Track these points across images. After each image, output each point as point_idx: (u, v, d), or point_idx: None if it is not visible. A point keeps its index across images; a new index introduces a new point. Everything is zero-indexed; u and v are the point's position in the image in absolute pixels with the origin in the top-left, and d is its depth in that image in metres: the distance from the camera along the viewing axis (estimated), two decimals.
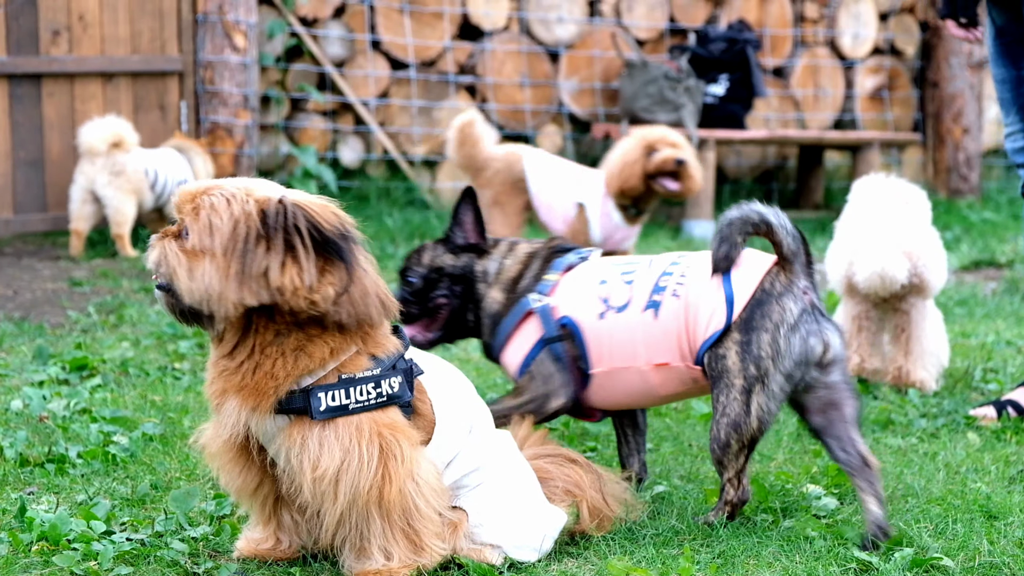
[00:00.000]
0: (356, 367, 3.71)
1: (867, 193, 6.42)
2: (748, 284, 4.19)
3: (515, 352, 4.52)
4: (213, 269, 3.61)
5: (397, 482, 3.69)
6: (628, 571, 3.81)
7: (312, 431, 3.66)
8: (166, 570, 3.87)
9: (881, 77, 12.85)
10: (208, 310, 3.64)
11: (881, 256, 6.04)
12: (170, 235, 3.68)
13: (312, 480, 3.66)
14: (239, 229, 3.63)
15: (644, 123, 11.04)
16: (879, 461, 4.52)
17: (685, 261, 4.36)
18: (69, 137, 9.54)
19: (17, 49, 9.37)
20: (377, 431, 3.68)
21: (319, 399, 3.65)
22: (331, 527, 3.74)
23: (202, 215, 3.65)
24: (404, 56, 10.94)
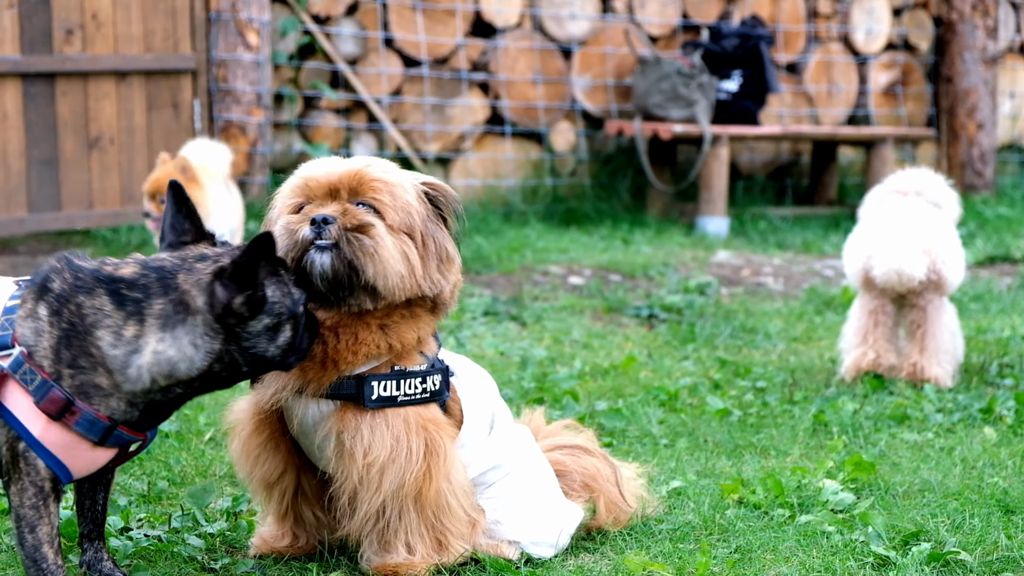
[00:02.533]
0: (409, 361, 3.72)
1: (896, 185, 6.41)
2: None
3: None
4: (414, 250, 3.63)
5: (437, 478, 3.70)
6: (645, 566, 3.81)
7: (364, 418, 3.66)
8: (183, 566, 3.88)
9: (895, 73, 12.82)
10: (393, 293, 3.63)
11: (899, 253, 6.02)
12: (352, 210, 3.61)
13: (362, 466, 3.65)
14: (423, 209, 3.69)
15: (657, 119, 11.05)
16: (896, 456, 4.51)
17: None
18: (83, 136, 9.55)
19: (31, 48, 9.38)
20: (423, 425, 3.69)
21: (372, 387, 3.66)
22: (367, 518, 3.73)
23: (397, 193, 3.64)
24: (417, 53, 10.93)
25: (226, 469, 4.77)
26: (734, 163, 11.97)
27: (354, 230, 3.57)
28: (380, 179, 3.64)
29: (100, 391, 3.33)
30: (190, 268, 3.39)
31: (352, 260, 3.56)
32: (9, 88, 9.32)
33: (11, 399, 3.32)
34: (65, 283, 3.38)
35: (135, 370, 3.33)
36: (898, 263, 6.01)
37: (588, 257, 9.40)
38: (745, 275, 9.25)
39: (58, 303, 3.35)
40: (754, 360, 6.77)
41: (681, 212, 11.23)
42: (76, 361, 3.32)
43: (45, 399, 3.30)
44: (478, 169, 11.21)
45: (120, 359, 3.33)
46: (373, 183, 3.62)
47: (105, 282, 3.38)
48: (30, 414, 3.31)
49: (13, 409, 3.32)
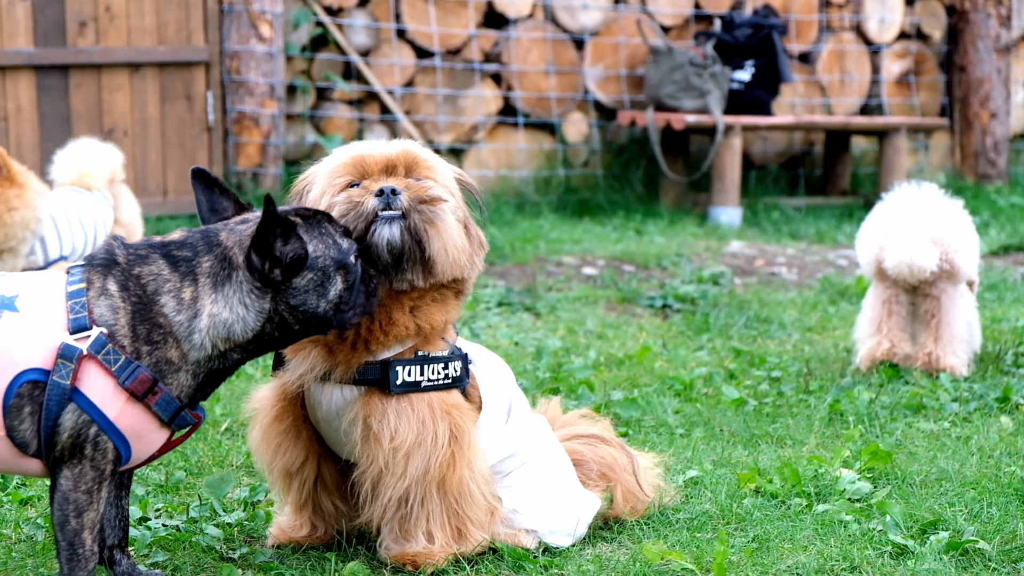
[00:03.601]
0: (432, 346, 3.74)
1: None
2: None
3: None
4: (462, 230, 3.70)
5: (461, 464, 3.71)
6: (663, 555, 3.81)
7: (389, 403, 3.67)
8: (202, 555, 3.89)
9: (908, 62, 12.79)
10: (443, 271, 3.67)
11: (909, 244, 6.01)
12: (413, 184, 3.67)
13: (388, 451, 3.66)
14: (461, 196, 3.77)
15: (670, 110, 11.03)
16: (913, 445, 4.50)
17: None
18: (97, 128, 9.56)
19: (44, 41, 9.40)
20: (447, 410, 3.70)
21: (397, 372, 3.67)
22: (390, 505, 3.74)
23: (444, 175, 3.73)
24: (429, 44, 10.93)
25: (243, 459, 4.78)
26: (747, 153, 11.96)
27: (424, 202, 3.62)
28: (430, 161, 3.72)
29: (171, 366, 3.31)
30: (232, 229, 3.42)
31: (419, 231, 3.59)
32: (23, 80, 9.34)
33: (89, 382, 3.25)
34: (125, 256, 3.36)
35: (198, 336, 3.32)
36: (908, 255, 6.00)
37: (601, 248, 9.40)
38: (759, 265, 9.25)
39: (124, 276, 3.33)
40: (769, 350, 6.77)
41: (694, 202, 11.22)
42: (151, 335, 3.30)
43: (133, 380, 3.25)
44: (491, 160, 11.21)
45: (185, 325, 3.32)
46: (427, 162, 3.70)
47: (157, 247, 3.38)
48: (109, 396, 3.25)
49: (90, 393, 3.24)
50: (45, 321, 3.26)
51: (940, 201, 6.24)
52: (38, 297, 3.31)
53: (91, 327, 3.26)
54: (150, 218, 9.51)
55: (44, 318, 3.27)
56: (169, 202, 9.84)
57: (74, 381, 3.24)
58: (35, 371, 3.24)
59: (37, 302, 3.30)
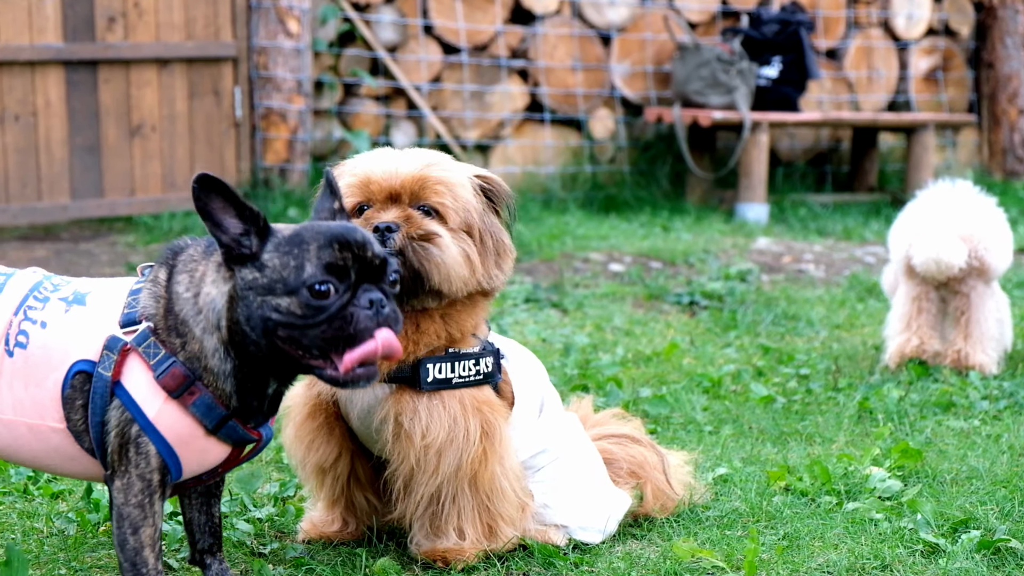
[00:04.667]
0: (463, 343, 3.73)
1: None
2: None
3: None
4: (474, 249, 3.64)
5: (492, 460, 3.71)
6: (694, 552, 3.81)
7: (420, 400, 3.67)
8: (232, 550, 3.90)
9: (935, 58, 12.75)
10: (457, 292, 3.65)
11: (937, 241, 5.99)
12: (415, 216, 3.60)
13: (420, 448, 3.66)
14: (480, 204, 3.69)
15: (697, 106, 11.02)
16: (943, 443, 4.48)
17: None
18: (125, 123, 9.58)
19: (73, 36, 9.42)
20: (478, 407, 3.70)
21: (427, 370, 3.67)
22: (422, 502, 3.74)
23: (459, 193, 3.63)
24: (456, 40, 10.93)
25: (272, 455, 4.79)
26: (774, 150, 11.93)
27: (420, 239, 3.57)
28: (442, 180, 3.62)
29: (199, 363, 3.18)
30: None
31: (418, 268, 3.56)
32: (52, 76, 9.37)
33: (131, 376, 3.18)
34: (194, 249, 3.29)
35: (201, 318, 3.20)
36: (936, 252, 5.98)
37: (628, 244, 9.39)
38: (786, 262, 9.23)
39: (180, 266, 3.27)
40: (797, 347, 6.76)
41: (720, 199, 11.20)
42: (177, 327, 3.22)
43: (166, 374, 3.17)
44: (517, 156, 11.20)
45: (191, 305, 3.21)
46: (436, 186, 3.61)
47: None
48: (148, 392, 3.17)
49: (131, 387, 3.17)
50: (102, 315, 3.25)
51: (972, 198, 6.21)
52: (106, 293, 3.31)
53: (140, 322, 3.21)
54: (177, 214, 9.55)
55: (103, 312, 3.26)
56: None
57: (116, 374, 3.19)
58: (84, 362, 3.22)
59: (104, 297, 3.30)
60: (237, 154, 10.00)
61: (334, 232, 3.11)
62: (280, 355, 3.14)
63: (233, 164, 10.00)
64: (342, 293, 3.08)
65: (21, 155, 9.33)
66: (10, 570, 3.50)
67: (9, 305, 3.32)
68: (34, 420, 3.24)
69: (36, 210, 9.35)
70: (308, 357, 3.11)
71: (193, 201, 3.12)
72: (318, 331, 3.07)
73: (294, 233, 3.14)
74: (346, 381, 3.10)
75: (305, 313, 3.07)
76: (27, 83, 9.32)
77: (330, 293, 3.06)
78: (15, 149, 9.32)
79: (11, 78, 9.26)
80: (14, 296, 3.34)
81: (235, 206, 3.13)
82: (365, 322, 3.07)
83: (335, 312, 3.07)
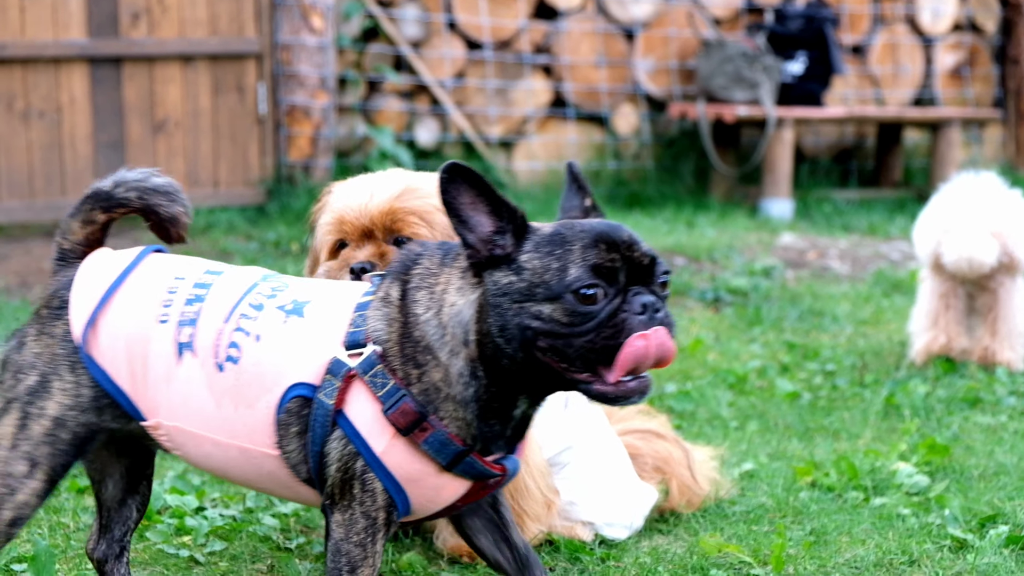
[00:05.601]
0: None
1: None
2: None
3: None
4: None
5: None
6: (720, 547, 3.80)
7: None
8: (258, 545, 3.90)
9: (961, 54, 12.69)
10: None
11: (969, 239, 5.95)
12: (389, 253, 3.52)
13: None
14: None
15: (721, 102, 10.99)
16: (970, 439, 4.45)
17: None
18: (148, 120, 9.60)
19: (98, 32, 9.45)
20: None
21: None
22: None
23: (436, 220, 3.54)
24: (480, 36, 10.92)
25: None
26: (798, 145, 11.90)
27: None
28: (414, 211, 3.55)
29: (439, 394, 2.85)
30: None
31: None
32: (77, 72, 9.39)
33: (356, 407, 2.86)
34: (430, 260, 2.96)
35: (447, 338, 2.86)
36: (968, 250, 5.94)
37: (652, 240, 9.37)
38: (810, 258, 9.20)
39: (415, 281, 2.93)
40: (822, 343, 6.73)
41: (745, 195, 11.17)
42: (415, 356, 2.87)
43: (395, 409, 2.83)
44: (541, 152, 11.19)
45: (433, 326, 2.87)
46: (408, 217, 3.54)
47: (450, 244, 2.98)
48: (375, 426, 2.85)
49: (355, 420, 2.85)
50: (324, 332, 2.93)
51: (999, 192, 6.17)
52: (328, 305, 2.98)
53: (366, 344, 2.88)
54: (201, 210, 9.55)
55: (324, 328, 2.93)
56: (220, 193, 9.87)
57: (339, 403, 2.87)
58: (303, 386, 2.90)
59: (325, 310, 2.96)
60: (261, 150, 10.01)
61: (599, 231, 2.82)
62: (538, 369, 2.82)
63: (257, 160, 10.00)
64: (611, 297, 2.78)
65: (46, 151, 9.36)
66: (37, 565, 3.51)
67: (218, 311, 2.99)
68: (245, 443, 2.96)
69: (61, 206, 9.37)
70: (571, 370, 2.80)
71: (440, 195, 2.82)
72: (585, 340, 2.76)
73: (554, 232, 2.83)
74: (616, 396, 2.79)
75: (571, 320, 2.76)
76: (52, 80, 9.35)
77: (598, 298, 2.76)
78: (40, 145, 9.35)
79: (36, 75, 9.28)
80: (224, 300, 3.01)
81: (488, 200, 2.83)
82: (639, 329, 2.76)
83: (604, 319, 2.76)
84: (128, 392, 3.02)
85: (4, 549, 3.72)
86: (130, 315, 3.03)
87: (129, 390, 3.02)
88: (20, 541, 3.86)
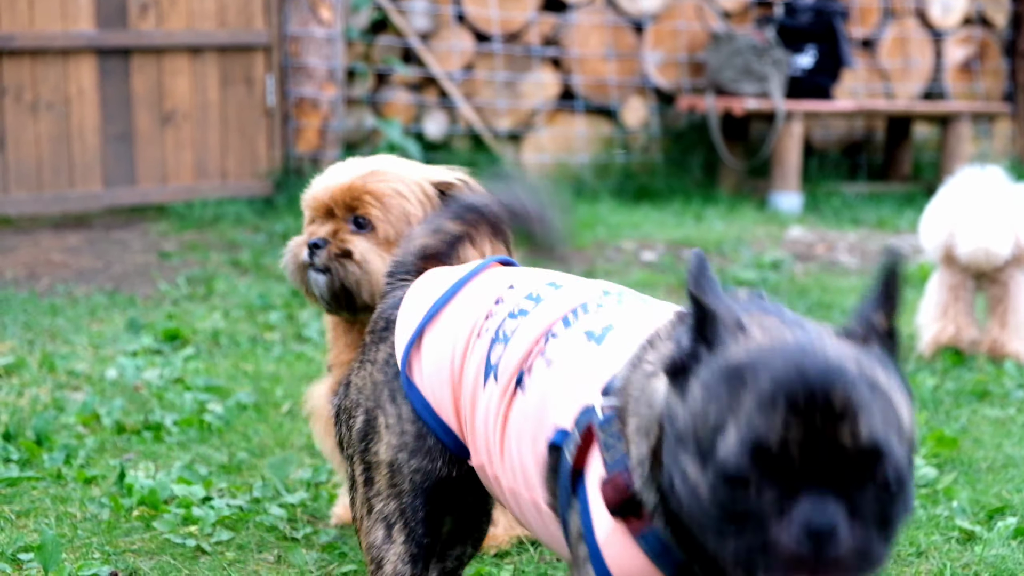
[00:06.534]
0: None
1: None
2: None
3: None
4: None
5: None
6: None
7: None
8: (265, 534, 3.90)
9: (971, 48, 12.66)
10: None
11: (985, 230, 5.94)
12: (343, 230, 3.60)
13: None
14: (427, 213, 3.60)
15: (730, 95, 10.97)
16: (978, 432, 4.42)
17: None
18: (157, 112, 9.60)
19: (106, 23, 9.44)
20: None
21: None
22: None
23: (392, 204, 3.59)
24: (489, 29, 10.91)
25: (304, 440, 4.78)
26: (807, 139, 11.88)
27: (339, 256, 3.59)
28: (371, 191, 3.58)
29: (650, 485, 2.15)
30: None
31: (344, 283, 3.58)
32: (85, 64, 9.39)
33: (592, 472, 2.23)
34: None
35: (641, 413, 2.18)
36: (985, 242, 5.93)
37: (661, 233, 9.36)
38: (819, 251, 9.18)
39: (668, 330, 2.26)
40: None
41: (753, 188, 11.16)
42: (639, 422, 2.19)
43: (609, 480, 2.17)
44: (550, 145, 11.18)
45: (637, 386, 2.21)
46: (364, 197, 3.58)
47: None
48: (598, 501, 2.20)
49: (590, 489, 2.22)
50: (599, 367, 2.32)
51: (1008, 185, 6.17)
52: (628, 331, 2.36)
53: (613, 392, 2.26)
54: (209, 202, 9.56)
55: (604, 362, 2.32)
56: (228, 185, 9.87)
57: (579, 462, 2.25)
58: (560, 433, 2.32)
59: (622, 338, 2.35)
60: (269, 142, 10.01)
61: (790, 379, 1.89)
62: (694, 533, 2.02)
63: (265, 152, 10.00)
64: (767, 493, 1.88)
65: (54, 143, 9.36)
66: (44, 555, 3.51)
67: (534, 329, 2.47)
68: (521, 489, 2.44)
69: (69, 198, 9.38)
70: (719, 555, 1.95)
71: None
72: (716, 537, 1.94)
73: (745, 358, 1.95)
74: None
75: (711, 498, 1.93)
76: (60, 71, 9.35)
77: (748, 488, 1.89)
78: (48, 137, 9.35)
79: (44, 66, 9.28)
80: (546, 317, 2.49)
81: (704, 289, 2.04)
82: (789, 551, 1.86)
83: (747, 524, 1.90)
84: (451, 423, 2.55)
85: (11, 538, 3.73)
86: (454, 331, 2.58)
87: (452, 421, 2.55)
88: (27, 531, 3.86)
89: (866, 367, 1.93)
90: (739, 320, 2.00)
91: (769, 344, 1.95)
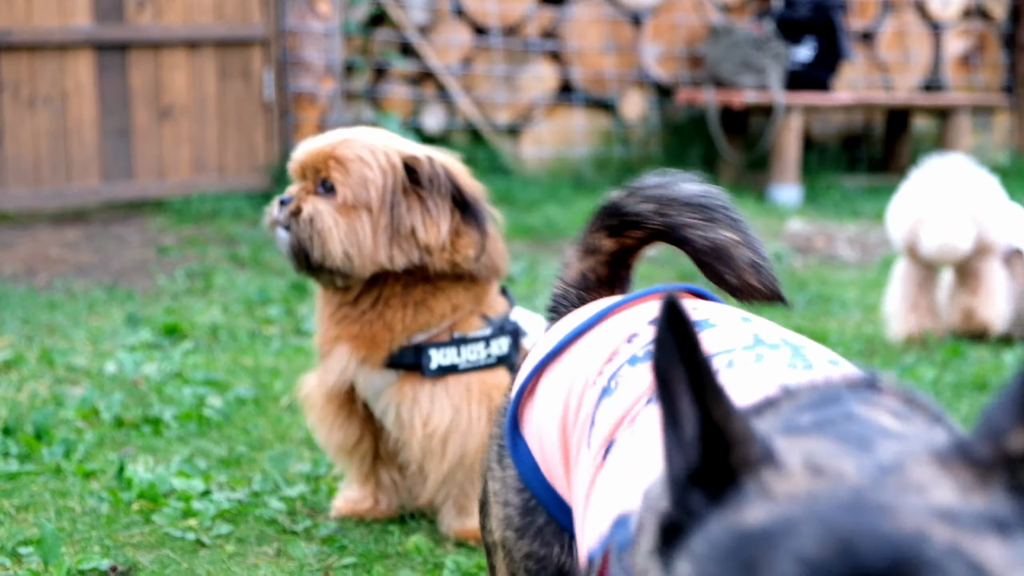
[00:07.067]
0: (468, 326, 3.71)
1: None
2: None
3: None
4: (369, 225, 3.64)
5: None
6: None
7: (423, 388, 3.67)
8: (265, 528, 3.89)
9: (970, 40, 12.65)
10: (351, 269, 3.63)
11: (946, 226, 5.98)
12: (309, 192, 3.69)
13: (422, 437, 3.67)
14: (388, 182, 3.66)
15: (729, 88, 10.96)
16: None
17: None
18: (155, 106, 9.58)
19: (103, 18, 9.43)
20: (486, 392, 3.68)
21: (430, 356, 3.65)
22: (435, 485, 3.75)
23: (353, 168, 3.66)
24: (487, 22, 10.89)
25: (304, 434, 4.77)
26: (806, 132, 11.87)
27: (295, 213, 3.67)
28: (337, 156, 3.66)
29: None
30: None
31: (300, 240, 3.65)
32: (83, 58, 9.37)
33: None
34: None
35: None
36: (945, 237, 5.98)
37: None
38: (818, 244, 9.17)
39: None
40: (830, 328, 6.71)
41: (753, 181, 11.15)
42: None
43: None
44: (548, 138, 11.17)
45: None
46: (329, 162, 3.67)
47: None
48: None
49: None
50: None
51: (971, 175, 6.20)
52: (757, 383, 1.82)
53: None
54: (207, 197, 9.54)
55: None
56: (227, 180, 9.85)
57: (601, 569, 1.74)
58: (620, 523, 1.72)
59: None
60: (267, 136, 10.00)
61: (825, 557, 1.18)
62: None
63: (263, 146, 9.99)
64: None
65: (52, 138, 9.34)
66: (43, 549, 3.50)
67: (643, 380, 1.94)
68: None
69: (67, 193, 9.36)
70: None
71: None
72: None
73: (767, 521, 1.23)
74: None
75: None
76: (57, 66, 9.33)
77: None
78: (46, 132, 9.33)
79: (42, 61, 9.27)
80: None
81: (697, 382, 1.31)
82: None
83: None
84: (565, 495, 1.98)
85: (11, 532, 3.72)
86: (573, 374, 2.03)
87: (560, 487, 1.99)
88: (26, 525, 3.85)
89: (968, 537, 1.16)
90: (767, 445, 1.28)
91: (806, 495, 1.23)
